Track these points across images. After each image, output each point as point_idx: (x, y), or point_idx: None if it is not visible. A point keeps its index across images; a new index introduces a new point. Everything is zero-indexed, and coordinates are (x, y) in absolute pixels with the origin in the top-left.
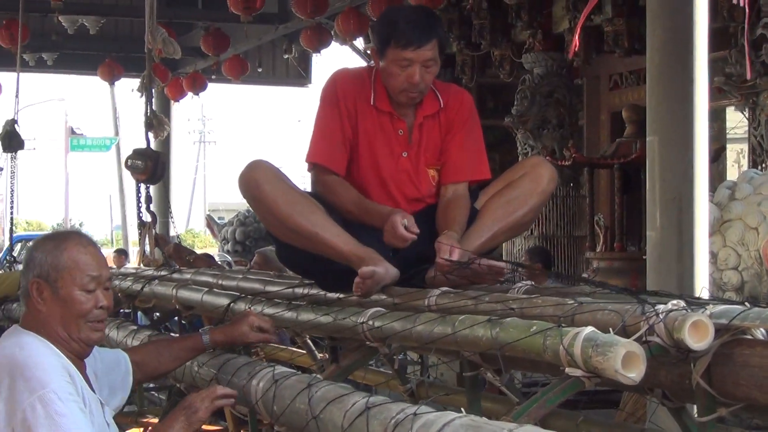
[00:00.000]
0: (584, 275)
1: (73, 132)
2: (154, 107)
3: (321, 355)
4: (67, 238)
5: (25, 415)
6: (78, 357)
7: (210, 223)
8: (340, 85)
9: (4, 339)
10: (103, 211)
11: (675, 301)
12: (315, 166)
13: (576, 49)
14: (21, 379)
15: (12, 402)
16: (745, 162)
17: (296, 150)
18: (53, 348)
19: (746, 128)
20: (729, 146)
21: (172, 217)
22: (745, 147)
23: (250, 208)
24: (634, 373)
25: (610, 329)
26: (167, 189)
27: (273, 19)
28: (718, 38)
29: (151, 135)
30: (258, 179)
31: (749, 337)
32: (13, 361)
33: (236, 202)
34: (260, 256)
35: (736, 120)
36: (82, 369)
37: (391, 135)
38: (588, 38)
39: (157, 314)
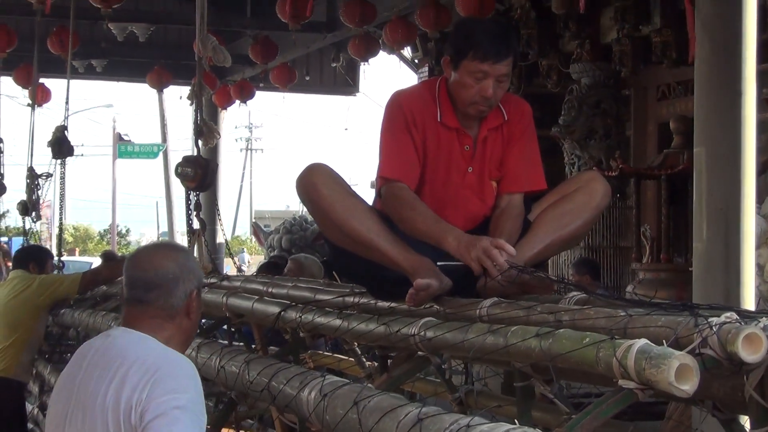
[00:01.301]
0: (629, 287)
1: (121, 138)
2: (203, 116)
3: (369, 363)
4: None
5: None
6: None
7: (256, 230)
8: (405, 104)
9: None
10: (149, 217)
11: (728, 314)
12: (388, 181)
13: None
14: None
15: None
16: None
17: (343, 158)
18: None
19: None
20: None
21: (221, 224)
22: None
23: (296, 216)
24: (688, 386)
25: (664, 341)
26: (215, 196)
27: (321, 27)
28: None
29: (201, 143)
30: (316, 182)
31: None
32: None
33: (282, 209)
34: (294, 263)
35: None
36: None
37: (458, 151)
38: (636, 48)
39: (205, 321)
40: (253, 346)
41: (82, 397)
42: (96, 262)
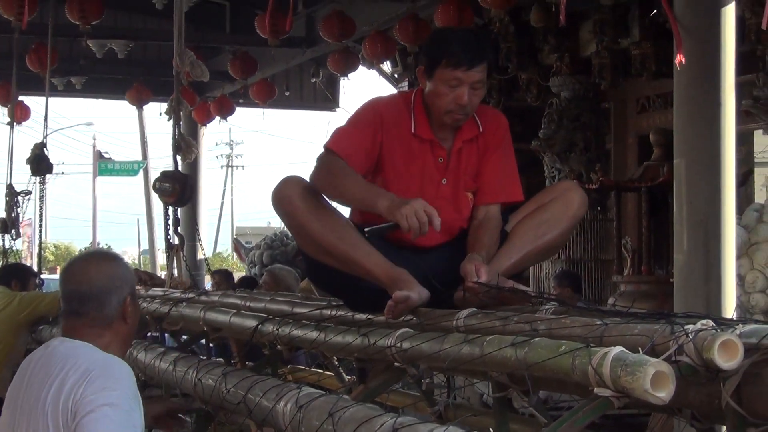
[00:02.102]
0: (611, 299)
1: (101, 156)
2: (182, 131)
3: (349, 378)
4: (115, 254)
5: None
6: None
7: (237, 246)
8: (381, 109)
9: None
10: (131, 234)
11: (704, 321)
12: (330, 152)
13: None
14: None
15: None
16: None
17: None
18: None
19: None
20: (757, 170)
21: (200, 241)
22: None
23: (277, 232)
24: (664, 393)
25: (639, 349)
26: (195, 213)
27: (300, 42)
28: (746, 61)
29: (179, 158)
30: (291, 195)
31: None
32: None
33: (263, 226)
34: (269, 275)
35: (765, 143)
36: None
37: (431, 163)
38: (615, 61)
39: (185, 336)
40: (233, 360)
41: (26, 406)
42: None
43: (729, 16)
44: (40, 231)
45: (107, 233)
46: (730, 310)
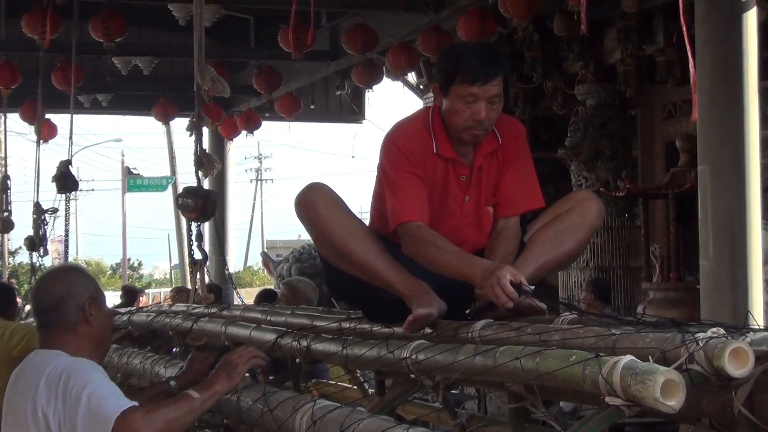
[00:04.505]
0: (640, 307)
1: (129, 172)
2: (208, 146)
3: (372, 390)
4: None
5: None
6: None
7: (266, 260)
8: (402, 143)
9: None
10: (162, 250)
11: (714, 329)
12: (407, 225)
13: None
14: None
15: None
16: None
17: (350, 185)
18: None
19: None
20: None
21: (227, 255)
22: None
23: (305, 245)
24: (674, 401)
25: (650, 357)
26: (223, 227)
27: (324, 56)
28: None
29: (201, 173)
30: (315, 202)
31: None
32: None
33: (294, 239)
34: (287, 287)
35: None
36: None
37: (454, 181)
38: (640, 68)
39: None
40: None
41: (11, 420)
42: (108, 295)
43: (751, 21)
44: (66, 247)
45: (138, 249)
46: (758, 315)
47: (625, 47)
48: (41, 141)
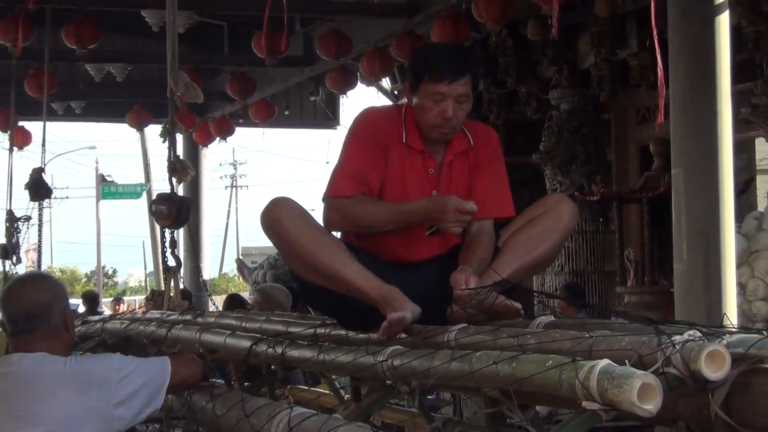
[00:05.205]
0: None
1: (104, 179)
2: (182, 153)
3: (348, 396)
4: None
5: None
6: None
7: (241, 267)
8: (372, 121)
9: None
10: (137, 257)
11: (691, 331)
12: (341, 200)
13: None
14: None
15: None
16: None
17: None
18: None
19: None
20: (759, 177)
21: (202, 262)
22: None
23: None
24: (651, 405)
25: (626, 361)
26: (198, 234)
27: (298, 62)
28: (744, 69)
29: (174, 180)
30: (281, 217)
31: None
32: None
33: (269, 246)
34: (260, 294)
35: (766, 151)
36: None
37: (422, 173)
38: (614, 72)
39: None
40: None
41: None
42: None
43: (723, 25)
44: (40, 255)
45: (113, 256)
46: (731, 319)
47: (599, 52)
48: (15, 149)
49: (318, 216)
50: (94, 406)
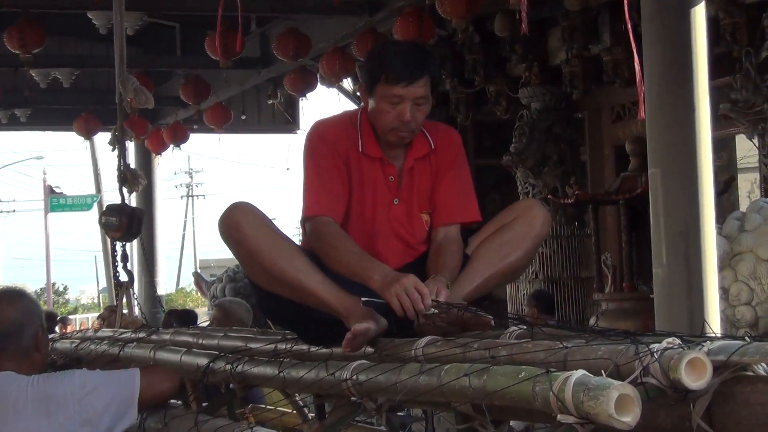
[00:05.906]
0: (592, 318)
1: (52, 191)
2: (134, 161)
3: (312, 415)
4: (23, 291)
5: None
6: None
7: (198, 280)
8: (326, 134)
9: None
10: (89, 273)
11: (670, 339)
12: (313, 219)
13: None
14: None
15: None
16: (759, 192)
17: (286, 198)
18: None
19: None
20: (741, 176)
21: (156, 276)
22: (759, 176)
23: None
24: (629, 418)
25: (603, 372)
26: (152, 247)
27: (255, 63)
28: (722, 63)
29: (125, 190)
30: (239, 222)
31: (750, 373)
32: None
33: (228, 257)
34: (219, 310)
35: (747, 149)
36: None
37: (381, 182)
38: (586, 69)
39: None
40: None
41: None
42: None
43: (699, 17)
44: None
45: (63, 272)
46: (714, 324)
47: (570, 47)
48: None
49: (279, 224)
50: (60, 427)
